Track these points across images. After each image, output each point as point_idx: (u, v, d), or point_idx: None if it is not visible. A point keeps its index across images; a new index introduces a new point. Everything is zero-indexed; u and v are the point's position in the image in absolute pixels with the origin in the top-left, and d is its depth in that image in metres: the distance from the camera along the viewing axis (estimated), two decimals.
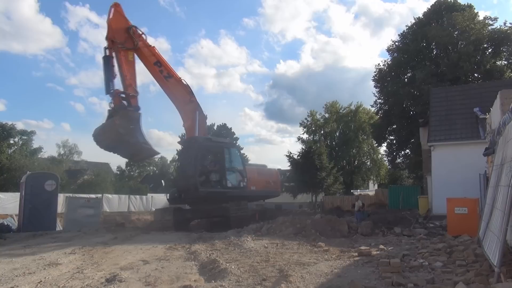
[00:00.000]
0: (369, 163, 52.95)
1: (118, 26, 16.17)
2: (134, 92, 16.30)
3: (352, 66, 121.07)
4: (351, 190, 46.33)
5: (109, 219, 23.42)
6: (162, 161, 50.89)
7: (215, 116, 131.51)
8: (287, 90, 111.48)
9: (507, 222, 5.00)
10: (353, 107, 52.19)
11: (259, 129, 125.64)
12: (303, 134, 52.29)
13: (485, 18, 32.63)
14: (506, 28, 30.84)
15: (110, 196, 32.46)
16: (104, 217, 23.80)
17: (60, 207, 20.47)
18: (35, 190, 16.72)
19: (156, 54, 17.37)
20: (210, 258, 8.22)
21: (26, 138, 38.26)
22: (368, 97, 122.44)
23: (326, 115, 52.67)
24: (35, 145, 40.10)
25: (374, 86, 37.63)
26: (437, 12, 34.01)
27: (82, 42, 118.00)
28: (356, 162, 51.97)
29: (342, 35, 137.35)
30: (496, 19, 32.72)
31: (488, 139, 12.52)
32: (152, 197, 33.90)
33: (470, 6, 33.37)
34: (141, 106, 16.54)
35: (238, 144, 54.82)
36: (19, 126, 40.30)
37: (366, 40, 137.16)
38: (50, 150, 61.24)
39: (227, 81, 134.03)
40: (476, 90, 21.79)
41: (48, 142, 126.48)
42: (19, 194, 18.61)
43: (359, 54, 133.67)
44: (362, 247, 9.42)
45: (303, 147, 40.35)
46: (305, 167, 34.99)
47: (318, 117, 52.93)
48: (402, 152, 38.14)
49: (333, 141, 52.20)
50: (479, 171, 14.58)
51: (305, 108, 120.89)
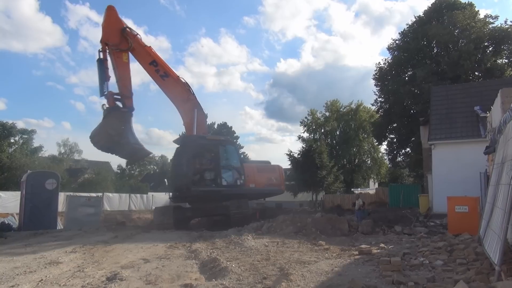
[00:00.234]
0: (369, 162, 52.93)
1: (112, 28, 16.25)
2: (128, 93, 16.43)
3: (352, 64, 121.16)
4: (352, 189, 46.37)
5: (109, 218, 23.42)
6: (163, 160, 50.97)
7: (216, 115, 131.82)
8: (288, 89, 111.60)
9: (508, 220, 5.00)
10: (353, 106, 52.15)
11: (260, 127, 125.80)
12: (304, 132, 52.31)
13: (485, 17, 32.62)
14: (506, 26, 30.78)
15: (110, 195, 32.48)
16: (104, 216, 23.81)
17: (60, 206, 20.49)
18: (36, 189, 16.74)
19: (152, 53, 17.31)
20: (210, 257, 8.23)
21: (26, 137, 38.35)
22: (368, 95, 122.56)
23: (327, 114, 52.65)
24: (36, 144, 40.29)
25: (375, 85, 37.64)
26: (437, 10, 33.94)
27: (82, 40, 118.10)
28: (356, 160, 51.95)
29: (343, 34, 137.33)
30: (496, 18, 32.76)
31: (488, 138, 12.53)
32: (152, 196, 33.93)
33: (471, 5, 33.33)
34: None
35: (238, 142, 55.00)
36: (20, 125, 40.32)
37: (366, 38, 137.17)
38: (50, 149, 61.56)
39: (228, 79, 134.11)
40: (476, 89, 21.75)
41: (48, 141, 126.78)
42: (20, 193, 18.63)
43: (360, 52, 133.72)
44: (363, 246, 9.43)
45: (304, 146, 40.35)
46: (305, 166, 34.98)
47: (319, 115, 52.92)
48: (403, 150, 38.13)
49: (333, 139, 52.18)
50: (480, 170, 14.58)
51: (305, 106, 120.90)
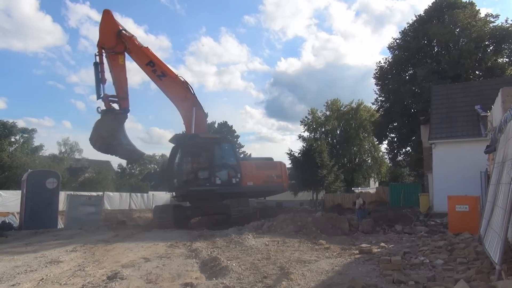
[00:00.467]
0: (370, 161, 52.91)
1: (108, 31, 16.45)
2: (124, 94, 16.72)
3: (353, 63, 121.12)
4: (352, 188, 46.37)
5: (110, 217, 23.43)
6: (163, 159, 50.93)
7: (216, 114, 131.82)
8: (288, 88, 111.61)
9: (508, 219, 5.00)
10: (354, 105, 52.11)
11: (260, 127, 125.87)
12: (304, 132, 52.29)
13: (486, 16, 32.57)
14: (507, 25, 30.74)
15: (111, 194, 32.52)
16: (105, 215, 23.82)
17: (61, 205, 20.51)
18: (36, 188, 16.76)
19: (149, 54, 17.41)
20: (211, 256, 8.24)
21: (27, 136, 38.36)
22: (369, 94, 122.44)
23: (327, 113, 52.62)
24: (36, 143, 40.32)
25: (375, 84, 37.63)
26: (438, 9, 33.90)
27: (82, 39, 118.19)
28: (357, 160, 51.94)
29: (343, 33, 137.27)
30: (497, 17, 32.73)
31: (489, 137, 12.52)
32: (153, 195, 33.96)
33: (472, 4, 33.28)
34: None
35: (238, 142, 55.01)
36: (20, 124, 40.52)
37: (367, 37, 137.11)
38: (51, 148, 61.44)
39: (228, 78, 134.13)
40: (477, 88, 21.73)
41: (49, 140, 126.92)
42: (21, 192, 18.65)
43: (360, 51, 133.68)
44: (363, 245, 9.43)
45: (304, 145, 40.36)
46: (306, 165, 34.97)
47: (319, 114, 52.90)
48: (403, 149, 38.12)
49: (334, 139, 52.16)
50: (480, 169, 14.58)
51: (306, 105, 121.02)
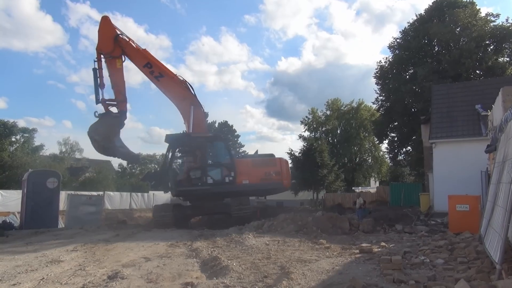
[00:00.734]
0: (370, 160, 52.95)
1: (105, 37, 16.79)
2: (121, 97, 17.05)
3: (353, 63, 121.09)
4: (353, 188, 46.38)
5: (110, 217, 23.45)
6: (164, 159, 50.91)
7: (216, 113, 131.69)
8: (289, 87, 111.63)
9: (509, 219, 4.99)
10: (354, 104, 52.13)
11: (261, 126, 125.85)
12: (304, 131, 52.32)
13: (487, 15, 32.62)
14: (508, 24, 30.75)
15: (111, 193, 32.52)
16: (105, 214, 23.85)
17: (62, 205, 20.53)
18: (37, 187, 16.79)
19: (146, 56, 17.63)
20: (211, 255, 8.24)
21: (27, 135, 38.39)
22: (369, 94, 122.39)
23: (328, 112, 52.64)
24: (37, 142, 40.36)
25: (376, 83, 37.64)
26: (439, 8, 33.89)
27: (83, 39, 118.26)
28: (357, 159, 51.97)
29: (344, 32, 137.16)
30: (498, 16, 32.85)
31: (489, 136, 12.51)
32: (153, 194, 33.95)
33: (472, 3, 33.27)
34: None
35: (239, 141, 55.05)
36: (21, 123, 40.50)
37: (367, 36, 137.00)
38: (51, 148, 61.40)
39: (228, 78, 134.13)
40: (477, 87, 21.73)
41: (49, 139, 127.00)
42: (21, 191, 18.67)
43: (361, 51, 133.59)
44: (363, 244, 9.42)
45: (305, 145, 40.38)
46: (306, 165, 35.01)
47: (320, 114, 52.92)
48: (404, 149, 38.14)
49: (334, 138, 52.20)
50: (481, 168, 14.57)
51: (306, 105, 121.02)
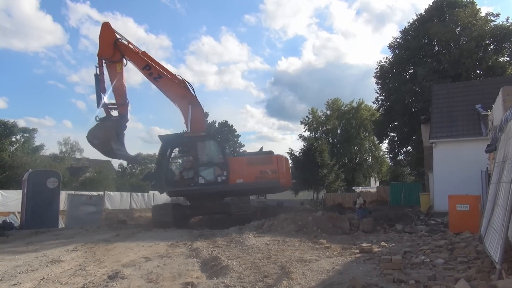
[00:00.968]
0: (370, 160, 52.96)
1: (106, 42, 17.13)
2: (122, 101, 17.42)
3: (353, 62, 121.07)
4: (353, 187, 46.42)
5: (111, 217, 23.46)
6: None
7: (217, 113, 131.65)
8: (289, 87, 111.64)
9: (509, 219, 4.99)
10: (354, 104, 52.13)
11: (261, 126, 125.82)
12: (305, 131, 52.33)
13: (487, 14, 32.60)
14: (508, 24, 30.74)
15: (112, 193, 32.54)
16: (106, 214, 23.85)
17: (62, 205, 20.53)
18: (37, 187, 16.79)
19: (146, 57, 17.92)
20: (211, 255, 8.24)
21: (28, 135, 38.37)
22: (369, 94, 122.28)
23: (328, 112, 52.64)
24: (37, 142, 40.32)
25: (376, 83, 37.66)
26: (439, 8, 33.88)
27: (83, 39, 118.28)
28: (357, 159, 51.98)
29: (344, 32, 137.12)
30: (498, 16, 32.84)
31: (490, 136, 12.49)
32: (153, 194, 33.94)
33: (472, 3, 33.26)
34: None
35: (239, 141, 55.01)
36: (21, 123, 40.47)
37: (368, 36, 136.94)
38: (51, 148, 61.35)
39: (229, 78, 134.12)
40: (478, 87, 21.71)
41: (49, 139, 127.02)
42: (21, 191, 18.67)
43: (361, 50, 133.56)
44: (364, 244, 9.41)
45: (305, 144, 40.39)
46: (306, 164, 35.02)
47: (320, 114, 52.92)
48: (404, 149, 38.16)
49: (334, 138, 52.21)
50: (481, 168, 14.57)
51: (306, 105, 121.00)
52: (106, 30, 17.29)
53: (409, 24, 36.34)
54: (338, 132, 52.55)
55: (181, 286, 5.95)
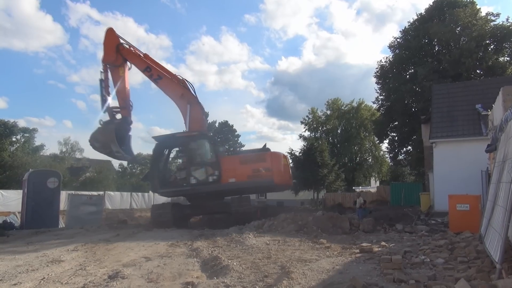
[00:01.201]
0: (370, 160, 52.95)
1: (110, 47, 17.63)
2: (124, 104, 17.94)
3: (354, 62, 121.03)
4: (353, 187, 46.42)
5: (111, 216, 23.48)
6: None
7: (217, 113, 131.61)
8: (289, 87, 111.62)
9: (509, 218, 4.99)
10: (355, 104, 52.11)
11: (261, 126, 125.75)
12: (305, 131, 52.32)
13: (487, 14, 32.58)
14: (508, 24, 30.72)
15: (112, 193, 32.53)
16: (106, 214, 23.85)
17: (62, 205, 20.55)
18: (38, 187, 16.81)
19: (146, 60, 18.33)
20: (212, 255, 8.24)
21: (28, 135, 38.35)
22: (370, 93, 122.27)
23: (328, 112, 52.63)
24: (37, 142, 40.28)
25: (376, 83, 37.65)
26: (439, 8, 33.88)
27: (83, 39, 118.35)
28: (357, 159, 51.96)
29: (344, 32, 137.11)
30: (498, 15, 32.87)
31: (490, 136, 12.49)
32: (154, 194, 33.87)
33: (472, 2, 33.25)
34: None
35: (239, 141, 54.99)
36: (21, 123, 40.41)
37: (368, 36, 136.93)
38: (52, 148, 61.46)
39: (229, 78, 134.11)
40: (478, 87, 21.71)
41: (50, 139, 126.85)
42: (22, 191, 18.68)
43: (361, 50, 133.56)
44: (364, 244, 9.42)
45: (305, 144, 40.39)
46: (306, 164, 35.01)
47: (320, 114, 52.91)
48: (404, 149, 38.13)
49: (334, 138, 52.21)
50: (481, 168, 14.57)
51: (306, 105, 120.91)
52: (110, 36, 17.80)
53: (409, 24, 36.40)
54: (338, 132, 52.55)
55: (181, 286, 5.95)
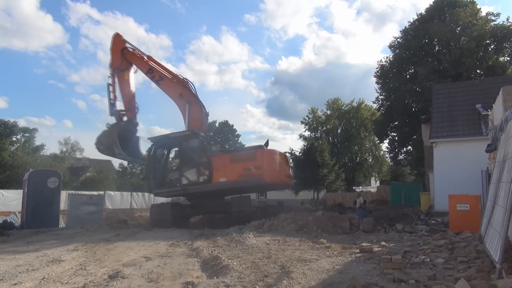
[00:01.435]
0: (371, 160, 52.94)
1: (116, 51, 18.17)
2: (129, 106, 18.41)
3: (354, 62, 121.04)
4: (353, 187, 46.43)
5: (111, 216, 23.47)
6: None
7: (217, 113, 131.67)
8: (289, 87, 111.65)
9: (509, 218, 4.99)
10: (355, 104, 52.10)
11: (261, 126, 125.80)
12: (305, 131, 52.33)
13: (487, 14, 32.60)
14: (508, 24, 30.72)
15: (112, 193, 32.55)
16: (106, 214, 23.85)
17: (62, 204, 20.55)
18: (38, 187, 16.81)
19: (149, 62, 18.63)
20: (212, 255, 8.24)
21: (28, 135, 38.34)
22: (370, 93, 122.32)
23: (328, 112, 52.62)
24: (37, 142, 40.26)
25: (376, 83, 37.66)
26: (439, 8, 33.88)
27: (83, 39, 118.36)
28: (358, 159, 51.95)
29: (344, 31, 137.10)
30: (498, 15, 32.83)
31: (490, 136, 12.50)
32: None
33: (473, 2, 33.25)
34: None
35: (239, 141, 55.02)
36: (21, 123, 40.39)
37: (368, 36, 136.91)
38: (52, 148, 61.36)
39: (229, 77, 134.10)
40: (478, 87, 21.70)
41: (50, 139, 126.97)
42: (22, 191, 18.68)
43: (361, 50, 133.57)
44: (364, 244, 9.42)
45: (305, 144, 40.39)
46: (307, 164, 35.00)
47: (320, 114, 52.91)
48: (404, 148, 38.14)
49: (335, 138, 52.21)
50: (481, 168, 14.57)
51: (307, 104, 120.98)
52: (117, 41, 18.25)
53: (409, 23, 36.42)
54: (339, 132, 52.55)
55: (181, 286, 5.95)
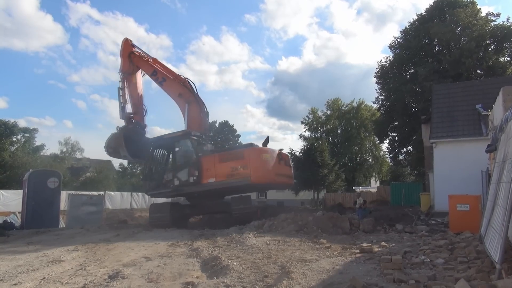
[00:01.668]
0: (371, 160, 52.95)
1: (124, 56, 18.72)
2: (136, 109, 18.99)
3: (354, 62, 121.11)
4: (353, 187, 46.43)
5: (111, 216, 23.45)
6: None
7: (217, 113, 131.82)
8: (289, 87, 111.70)
9: (509, 219, 4.99)
10: (355, 104, 52.11)
11: (261, 126, 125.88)
12: (305, 131, 52.34)
13: (487, 14, 32.59)
14: (508, 24, 30.74)
15: (112, 193, 32.53)
16: (106, 214, 23.83)
17: (62, 204, 20.54)
18: (38, 187, 16.80)
19: (153, 65, 18.99)
20: (212, 255, 8.24)
21: (28, 135, 38.35)
22: (370, 93, 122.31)
23: (328, 112, 52.63)
24: (38, 142, 40.28)
25: (376, 83, 37.66)
26: (439, 8, 33.89)
27: (83, 39, 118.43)
28: (358, 159, 51.95)
29: (345, 31, 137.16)
30: (498, 15, 32.84)
31: (490, 136, 12.50)
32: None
33: (473, 2, 33.26)
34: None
35: (239, 141, 55.00)
36: (21, 123, 40.39)
37: (368, 36, 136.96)
38: (52, 148, 61.36)
39: (229, 78, 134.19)
40: (478, 87, 21.72)
41: (50, 139, 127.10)
42: (22, 191, 18.68)
43: (362, 50, 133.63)
44: (364, 244, 9.41)
45: (305, 144, 40.40)
46: (307, 164, 35.03)
47: (320, 114, 52.92)
48: (404, 149, 38.15)
49: (335, 138, 52.23)
50: (481, 168, 14.58)
51: (307, 104, 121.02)
52: (125, 46, 18.74)
53: (409, 24, 36.43)
54: (339, 132, 52.56)
55: (181, 286, 5.95)
